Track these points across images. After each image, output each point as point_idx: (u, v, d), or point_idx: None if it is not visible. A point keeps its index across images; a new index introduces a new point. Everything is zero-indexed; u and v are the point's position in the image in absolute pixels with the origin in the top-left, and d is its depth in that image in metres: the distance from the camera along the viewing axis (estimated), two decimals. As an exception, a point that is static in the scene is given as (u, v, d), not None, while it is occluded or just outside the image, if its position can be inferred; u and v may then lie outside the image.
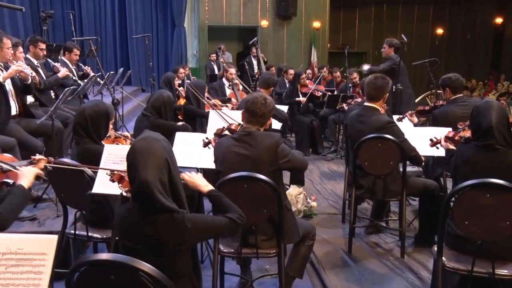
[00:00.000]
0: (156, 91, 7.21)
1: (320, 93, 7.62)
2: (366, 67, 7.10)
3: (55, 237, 1.54)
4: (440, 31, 16.92)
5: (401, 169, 3.62)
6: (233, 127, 3.22)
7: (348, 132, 3.96)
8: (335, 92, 7.91)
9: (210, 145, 3.31)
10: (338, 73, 8.72)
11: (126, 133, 3.73)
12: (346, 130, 4.20)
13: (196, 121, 5.58)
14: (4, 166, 2.65)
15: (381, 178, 3.64)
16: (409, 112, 4.55)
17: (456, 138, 3.23)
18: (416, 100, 7.07)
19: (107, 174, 2.28)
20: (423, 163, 3.93)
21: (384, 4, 16.61)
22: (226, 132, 3.21)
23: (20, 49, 4.81)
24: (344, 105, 6.82)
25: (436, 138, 3.48)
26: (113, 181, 2.19)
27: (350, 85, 7.60)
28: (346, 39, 15.94)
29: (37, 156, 2.76)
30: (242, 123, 2.96)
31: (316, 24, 12.92)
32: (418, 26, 16.76)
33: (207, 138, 3.34)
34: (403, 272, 3.49)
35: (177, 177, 2.00)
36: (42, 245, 1.51)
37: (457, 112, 4.09)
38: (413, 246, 3.89)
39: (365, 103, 3.82)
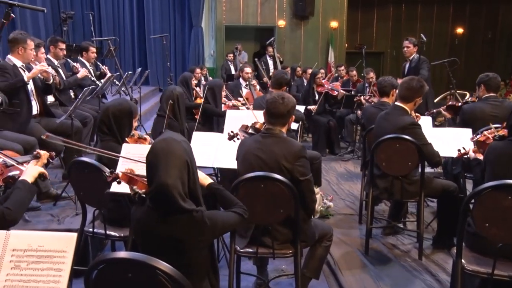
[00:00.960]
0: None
1: (336, 93, 7.57)
2: None
3: (74, 235, 1.55)
4: (460, 30, 16.66)
5: (419, 170, 3.58)
6: (258, 125, 3.21)
7: (375, 131, 3.91)
8: (352, 92, 7.86)
9: (235, 138, 3.30)
10: (355, 72, 8.62)
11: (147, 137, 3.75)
12: (363, 130, 4.16)
13: (213, 120, 5.60)
14: (8, 161, 2.69)
15: (399, 179, 3.61)
16: (442, 107, 4.52)
17: (487, 141, 3.18)
18: (435, 100, 6.98)
19: (106, 174, 2.25)
20: (442, 164, 3.89)
21: (403, 3, 16.43)
22: (251, 130, 3.20)
23: (42, 49, 4.89)
24: (362, 98, 6.75)
25: (464, 149, 3.42)
26: (119, 182, 2.16)
27: (366, 84, 7.54)
28: (364, 39, 15.81)
29: (42, 151, 2.80)
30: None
31: (334, 24, 12.86)
32: (437, 26, 16.53)
33: (232, 132, 3.33)
34: (421, 274, 3.45)
35: (196, 178, 2.00)
36: (62, 242, 1.53)
37: (486, 110, 4.04)
38: (431, 248, 3.84)
39: (396, 103, 3.79)
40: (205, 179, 2.32)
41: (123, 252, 1.74)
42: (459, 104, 4.86)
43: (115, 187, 2.73)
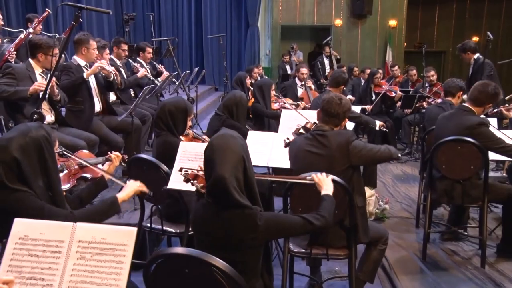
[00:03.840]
0: (229, 90, 7.35)
1: (394, 94, 7.38)
2: None
3: (134, 229, 1.61)
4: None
5: (482, 174, 3.42)
6: (308, 125, 3.21)
7: (436, 132, 3.79)
8: (410, 93, 7.63)
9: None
10: (415, 71, 8.34)
11: (205, 137, 3.81)
12: (423, 131, 4.03)
13: (264, 120, 5.62)
14: (83, 162, 2.82)
15: (460, 182, 3.47)
16: (505, 106, 4.30)
17: None
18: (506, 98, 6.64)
19: (181, 175, 2.32)
20: (507, 168, 3.70)
21: (468, 0, 15.73)
22: (302, 130, 3.20)
23: (107, 50, 5.11)
24: (425, 103, 6.54)
25: None
26: (187, 180, 2.23)
27: (427, 84, 7.29)
28: (424, 37, 15.29)
29: (113, 154, 2.92)
30: (317, 122, 2.95)
31: (392, 22, 12.54)
32: (506, 23, 15.64)
33: (288, 139, 3.34)
34: (484, 283, 3.29)
35: (252, 175, 2.02)
36: (123, 236, 1.59)
37: None
38: (495, 256, 3.67)
39: (464, 103, 3.65)
40: (325, 190, 2.38)
41: (180, 248, 1.78)
42: None
43: (172, 184, 2.81)
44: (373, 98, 7.26)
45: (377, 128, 4.70)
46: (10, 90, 3.74)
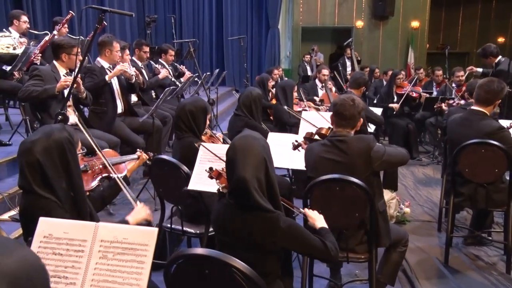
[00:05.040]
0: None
1: (416, 94, 7.28)
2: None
3: (155, 230, 1.62)
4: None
5: (507, 177, 3.35)
6: (323, 131, 3.19)
7: (449, 136, 3.74)
8: (434, 94, 7.53)
9: (300, 148, 3.30)
10: (440, 72, 8.17)
11: (220, 134, 3.84)
12: (444, 134, 3.97)
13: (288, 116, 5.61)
14: (107, 162, 2.85)
15: (484, 186, 3.41)
16: None
17: None
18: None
19: (206, 171, 2.35)
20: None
21: (494, 0, 15.42)
22: (316, 136, 3.18)
23: (127, 51, 5.17)
24: (443, 105, 6.44)
25: None
26: (211, 177, 2.26)
27: (454, 85, 7.17)
28: (447, 38, 15.07)
29: (143, 153, 2.97)
30: (332, 126, 2.91)
31: (415, 23, 12.39)
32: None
33: (296, 141, 3.33)
34: (508, 289, 3.23)
35: (274, 177, 2.01)
36: (144, 236, 1.60)
37: None
38: (520, 262, 3.59)
39: (472, 107, 3.58)
40: (320, 223, 2.25)
41: (201, 249, 1.78)
42: None
43: (193, 185, 2.82)
44: (395, 99, 7.18)
45: None
46: (38, 89, 3.84)
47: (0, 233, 2.73)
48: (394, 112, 6.89)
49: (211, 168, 2.24)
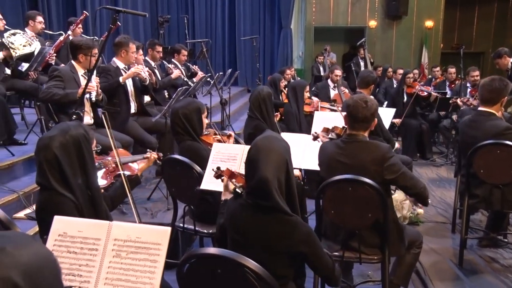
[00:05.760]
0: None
1: (426, 93, 7.19)
2: None
3: (168, 229, 1.63)
4: None
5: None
6: (337, 130, 3.19)
7: (460, 138, 3.70)
8: (447, 94, 7.44)
9: (319, 139, 3.30)
10: (454, 69, 8.04)
11: (230, 132, 3.80)
12: (457, 134, 3.92)
13: (296, 122, 5.59)
14: (118, 162, 2.88)
15: (499, 187, 3.36)
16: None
17: None
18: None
19: (212, 170, 2.35)
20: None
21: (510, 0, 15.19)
22: (332, 135, 3.17)
23: (140, 51, 5.20)
24: (459, 100, 6.34)
25: None
26: (217, 177, 2.25)
27: (468, 85, 7.08)
28: (462, 38, 14.86)
29: (152, 153, 2.98)
30: (346, 126, 2.89)
31: (429, 23, 12.28)
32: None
33: (316, 133, 3.35)
34: (524, 292, 3.19)
35: (293, 178, 2.00)
36: (157, 235, 1.61)
37: None
38: (537, 265, 3.54)
39: (479, 108, 3.55)
40: None
41: (213, 248, 1.79)
42: None
43: (205, 185, 2.83)
44: (405, 100, 7.10)
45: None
46: (60, 93, 3.89)
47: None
48: (407, 106, 6.81)
49: (218, 168, 2.24)
